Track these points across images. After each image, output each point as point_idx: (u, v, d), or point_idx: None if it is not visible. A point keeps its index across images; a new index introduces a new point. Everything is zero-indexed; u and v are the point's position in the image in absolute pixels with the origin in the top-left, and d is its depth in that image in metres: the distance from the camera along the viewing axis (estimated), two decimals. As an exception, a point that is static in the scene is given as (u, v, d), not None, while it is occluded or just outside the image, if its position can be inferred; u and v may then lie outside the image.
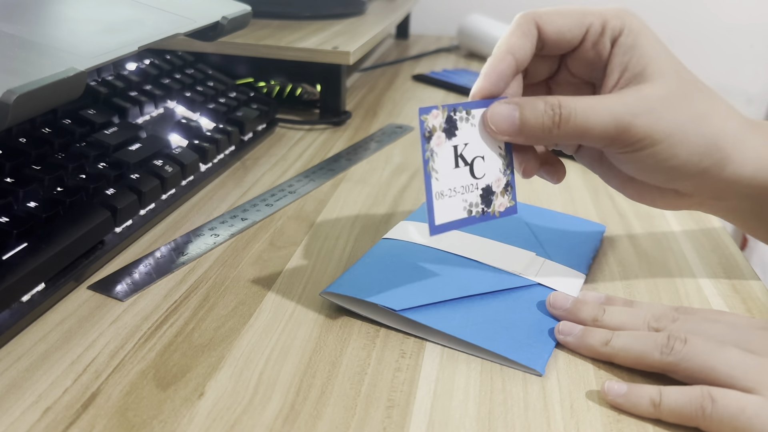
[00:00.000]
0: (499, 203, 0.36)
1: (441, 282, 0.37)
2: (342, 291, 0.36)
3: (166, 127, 0.54)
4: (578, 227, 0.46)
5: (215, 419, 0.29)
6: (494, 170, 0.35)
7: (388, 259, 0.40)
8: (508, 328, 0.35)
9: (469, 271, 0.39)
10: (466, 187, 0.34)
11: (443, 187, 0.33)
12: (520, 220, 0.45)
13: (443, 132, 0.33)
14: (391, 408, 0.30)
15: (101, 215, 0.39)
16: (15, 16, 0.40)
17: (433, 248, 0.41)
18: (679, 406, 0.29)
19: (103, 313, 0.36)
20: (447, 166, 0.34)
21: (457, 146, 0.34)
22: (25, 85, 0.31)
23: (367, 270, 0.38)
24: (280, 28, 0.76)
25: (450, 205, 0.34)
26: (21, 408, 0.29)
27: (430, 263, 0.39)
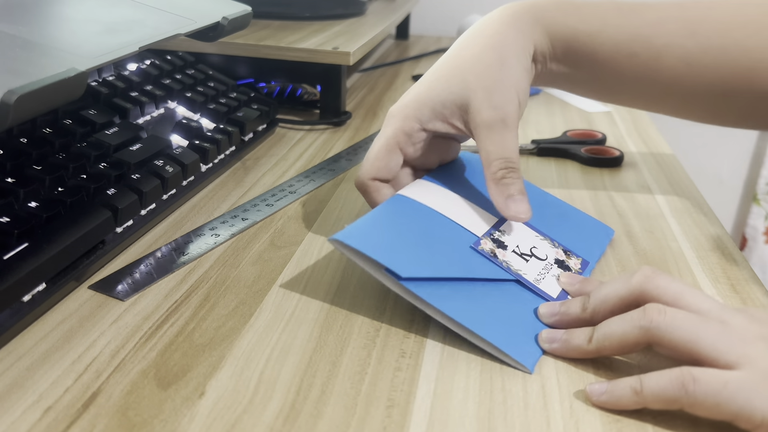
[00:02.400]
0: (573, 264, 0.41)
1: (450, 257, 0.37)
2: (351, 243, 0.35)
3: (166, 128, 0.54)
4: (590, 227, 0.46)
5: (216, 419, 0.29)
6: (548, 249, 0.41)
7: (401, 218, 0.39)
8: (507, 320, 0.35)
9: (479, 253, 0.39)
10: (545, 267, 0.39)
11: (534, 275, 0.38)
12: (544, 210, 0.45)
13: (498, 248, 0.39)
14: (391, 407, 0.30)
15: (102, 215, 0.39)
16: (16, 17, 0.40)
17: (450, 219, 0.40)
18: (661, 388, 0.29)
19: (103, 313, 0.36)
20: (521, 263, 0.39)
21: (514, 249, 0.40)
22: (26, 85, 0.31)
23: (378, 225, 0.38)
24: (280, 28, 0.76)
25: (549, 281, 0.38)
26: (22, 407, 0.29)
27: (443, 234, 0.39)
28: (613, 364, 0.33)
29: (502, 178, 0.40)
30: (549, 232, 0.43)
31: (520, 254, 0.39)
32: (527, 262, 0.39)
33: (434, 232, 0.39)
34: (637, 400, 0.29)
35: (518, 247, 0.40)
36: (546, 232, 0.43)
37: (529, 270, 0.39)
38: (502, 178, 0.40)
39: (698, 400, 0.28)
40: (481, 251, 0.38)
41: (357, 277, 0.40)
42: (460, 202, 0.42)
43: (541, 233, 0.42)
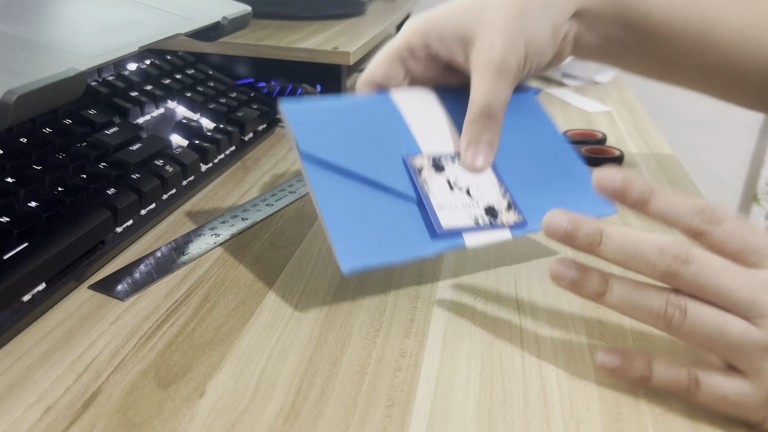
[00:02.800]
0: (506, 218, 0.37)
1: (371, 156, 0.37)
2: (284, 108, 0.37)
3: (166, 127, 0.54)
4: (579, 194, 0.40)
5: (216, 418, 0.29)
6: (492, 195, 0.38)
7: (358, 111, 0.40)
8: (365, 219, 0.35)
9: (405, 164, 0.38)
10: (467, 204, 0.37)
11: (442, 202, 0.36)
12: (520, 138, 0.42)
13: (432, 168, 0.37)
14: (391, 407, 0.30)
15: (102, 215, 0.39)
16: (16, 17, 0.40)
17: (407, 128, 0.40)
18: (667, 384, 0.30)
19: (103, 313, 0.36)
20: (442, 189, 0.37)
21: (448, 178, 0.37)
22: (25, 85, 0.31)
23: (328, 106, 0.39)
24: (280, 28, 0.76)
25: (453, 214, 0.36)
26: (22, 407, 0.29)
27: (385, 137, 0.39)
28: (613, 364, 0.33)
29: (475, 121, 0.39)
30: (512, 180, 0.39)
31: (451, 183, 0.38)
32: (449, 191, 0.37)
33: (377, 133, 0.39)
34: (643, 384, 0.30)
35: (456, 178, 0.38)
36: (507, 179, 0.39)
37: (444, 197, 0.37)
38: (475, 121, 0.39)
39: (699, 401, 0.29)
40: (408, 163, 0.37)
41: (357, 277, 0.40)
42: (439, 121, 0.41)
43: (500, 178, 0.39)
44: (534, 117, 0.44)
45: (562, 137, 0.43)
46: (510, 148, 0.41)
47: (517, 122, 0.42)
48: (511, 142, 0.41)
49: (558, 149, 0.42)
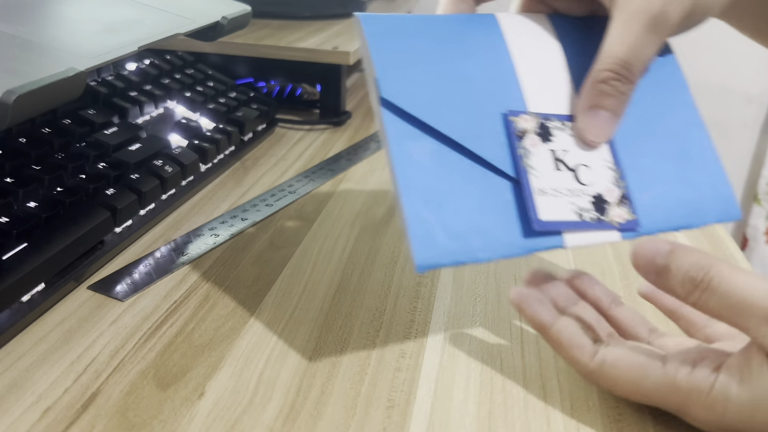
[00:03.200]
0: (616, 214, 0.30)
1: (463, 111, 0.30)
2: (366, 28, 0.30)
3: (166, 127, 0.54)
4: (704, 189, 0.32)
5: (215, 419, 0.29)
6: (604, 181, 0.30)
7: (454, 39, 0.31)
8: (450, 205, 0.28)
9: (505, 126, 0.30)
10: (572, 191, 0.30)
11: (544, 185, 0.29)
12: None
13: (537, 135, 0.30)
14: (391, 408, 0.30)
15: (101, 215, 0.39)
16: (15, 17, 0.40)
17: (513, 72, 0.32)
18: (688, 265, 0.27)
19: (103, 313, 0.36)
20: (546, 166, 0.30)
21: (555, 150, 0.30)
22: (25, 85, 0.31)
23: (415, 30, 0.31)
24: (279, 28, 0.76)
25: (555, 204, 0.29)
26: (21, 408, 0.29)
27: (486, 84, 0.31)
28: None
29: (604, 81, 0.30)
30: (629, 162, 0.31)
31: (557, 158, 0.30)
32: (553, 170, 0.30)
33: (476, 74, 0.31)
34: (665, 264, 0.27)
35: (565, 153, 0.30)
36: (624, 161, 0.31)
37: (546, 177, 0.30)
38: (604, 81, 0.30)
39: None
40: (510, 123, 0.30)
41: (357, 277, 0.40)
42: (553, 67, 0.32)
43: (616, 159, 0.31)
44: (668, 82, 0.34)
45: (696, 112, 0.34)
46: (634, 120, 0.32)
47: (648, 86, 0.33)
48: (637, 111, 0.33)
49: (688, 127, 0.34)
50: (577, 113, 0.31)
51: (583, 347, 0.29)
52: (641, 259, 0.28)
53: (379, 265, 0.41)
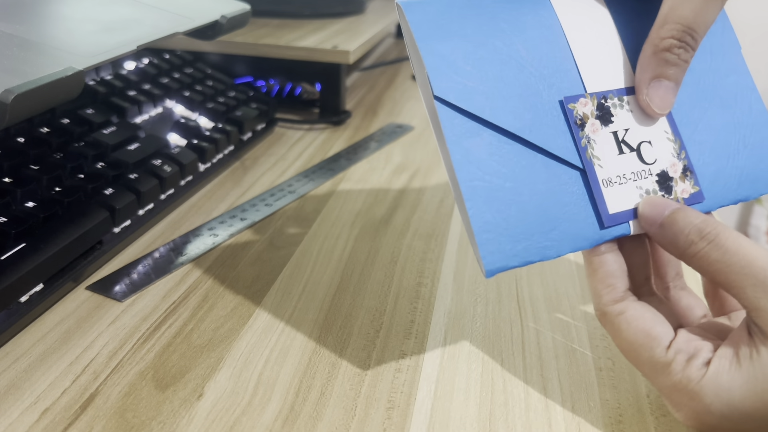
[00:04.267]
0: (681, 189, 0.30)
1: (521, 100, 0.29)
2: (410, 18, 0.28)
3: (164, 127, 0.54)
4: (760, 158, 0.32)
5: (214, 420, 0.28)
6: (666, 155, 0.30)
7: (505, 19, 0.30)
8: (517, 206, 0.27)
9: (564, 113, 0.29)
10: (638, 173, 0.29)
11: (610, 174, 0.29)
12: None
13: (597, 119, 0.29)
14: (391, 409, 0.30)
15: (100, 215, 0.39)
16: (13, 16, 0.40)
17: (569, 51, 0.30)
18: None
19: (101, 314, 0.35)
20: (610, 152, 0.29)
21: (616, 132, 0.29)
22: (23, 84, 0.30)
23: (463, 13, 0.29)
24: (279, 27, 0.75)
25: (622, 192, 0.29)
26: (19, 409, 0.29)
27: (540, 67, 0.29)
28: (615, 366, 0.33)
29: (667, 49, 0.29)
30: (688, 131, 0.31)
31: (620, 140, 0.30)
32: (619, 155, 0.29)
33: (529, 59, 0.29)
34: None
35: (626, 132, 0.30)
36: (683, 133, 0.31)
37: (611, 164, 0.29)
38: (667, 49, 0.29)
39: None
40: (569, 111, 0.29)
41: (357, 277, 0.40)
42: (606, 37, 0.31)
43: (675, 130, 0.31)
44: (722, 45, 0.33)
45: (748, 75, 0.33)
46: (689, 86, 0.31)
47: (702, 50, 0.32)
48: (692, 77, 0.32)
49: (743, 92, 0.33)
50: (639, 85, 0.30)
51: (614, 288, 0.29)
52: (649, 209, 0.28)
53: (379, 265, 0.41)
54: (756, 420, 0.26)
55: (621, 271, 0.29)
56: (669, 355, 0.27)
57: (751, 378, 0.25)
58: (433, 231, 0.46)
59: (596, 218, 0.28)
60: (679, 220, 0.28)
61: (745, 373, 0.25)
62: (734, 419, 0.26)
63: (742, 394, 0.25)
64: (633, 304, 0.28)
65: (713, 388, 0.26)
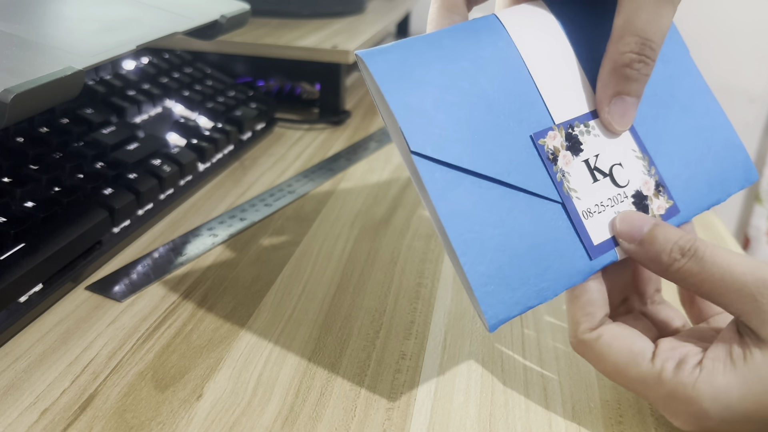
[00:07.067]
0: (657, 206, 0.30)
1: (493, 142, 0.28)
2: (373, 70, 0.27)
3: (164, 127, 0.54)
4: (722, 158, 0.32)
5: (214, 421, 0.28)
6: (638, 174, 0.30)
7: (465, 57, 0.29)
8: (508, 251, 0.27)
9: (535, 149, 0.29)
10: (614, 198, 0.29)
11: (588, 205, 0.29)
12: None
13: (567, 151, 0.29)
14: (391, 410, 0.29)
15: (99, 215, 0.39)
16: (12, 15, 0.40)
17: (533, 83, 0.30)
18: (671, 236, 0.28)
19: (101, 314, 0.35)
20: (584, 182, 0.29)
21: (588, 160, 0.29)
22: (22, 84, 0.30)
23: (425, 58, 0.28)
24: (279, 26, 0.75)
25: (603, 220, 0.29)
26: (19, 409, 0.29)
27: (507, 103, 0.29)
28: (614, 366, 0.33)
29: (627, 65, 0.28)
30: (653, 144, 0.31)
31: (593, 168, 0.29)
32: (594, 183, 0.29)
33: (496, 96, 0.29)
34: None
35: (597, 158, 0.30)
36: (650, 148, 0.31)
37: (588, 195, 0.29)
38: (627, 65, 0.28)
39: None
40: (540, 147, 0.29)
41: (356, 277, 0.40)
42: (564, 62, 0.30)
43: (642, 147, 0.30)
44: (671, 50, 0.33)
45: (700, 78, 0.33)
46: (648, 99, 0.31)
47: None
48: (649, 88, 0.31)
49: (698, 95, 0.32)
50: (601, 104, 0.30)
51: (593, 316, 0.28)
52: (626, 225, 0.28)
53: (379, 266, 0.41)
54: (755, 422, 0.26)
55: (602, 300, 0.29)
56: (656, 365, 0.27)
57: (747, 380, 0.25)
58: (433, 231, 0.46)
59: (585, 250, 0.28)
60: (659, 238, 0.27)
61: (741, 374, 0.25)
62: (733, 421, 0.26)
63: (740, 396, 0.25)
64: (609, 327, 0.28)
65: (709, 391, 0.26)
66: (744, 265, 0.26)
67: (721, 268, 0.26)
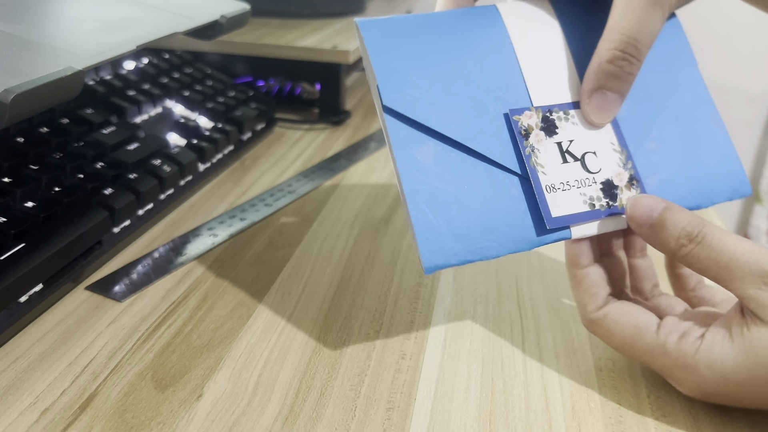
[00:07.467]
0: (626, 197, 0.31)
1: (467, 112, 0.30)
2: (365, 34, 0.29)
3: (164, 127, 0.54)
4: (713, 166, 0.32)
5: (214, 421, 0.28)
6: (612, 165, 0.31)
7: (454, 34, 0.31)
8: (456, 205, 0.29)
9: (508, 125, 0.30)
10: (581, 181, 0.30)
11: (553, 181, 0.30)
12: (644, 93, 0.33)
13: (541, 131, 0.30)
14: (391, 410, 0.29)
15: (99, 215, 0.39)
16: (13, 15, 0.40)
17: (517, 64, 0.31)
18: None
19: (101, 314, 0.35)
20: (554, 161, 0.30)
21: (561, 143, 0.30)
22: (22, 84, 0.30)
23: (415, 30, 0.30)
24: (279, 26, 0.75)
25: (566, 198, 0.30)
26: (19, 409, 0.29)
27: (487, 80, 0.30)
28: (615, 366, 0.33)
29: (610, 61, 0.30)
30: (635, 140, 0.32)
31: (564, 150, 0.30)
32: (563, 163, 0.30)
33: (477, 74, 0.30)
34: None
35: (570, 143, 0.31)
36: (630, 143, 0.32)
37: (554, 172, 0.30)
38: (610, 61, 0.30)
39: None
40: (514, 122, 0.30)
41: (357, 277, 0.40)
42: (555, 53, 0.32)
43: (622, 141, 0.31)
44: (675, 57, 0.33)
45: (704, 88, 0.33)
46: (639, 98, 0.32)
47: (654, 62, 0.33)
48: (642, 89, 0.32)
49: (697, 104, 0.33)
50: (582, 96, 0.31)
51: (597, 297, 0.31)
52: (638, 211, 0.29)
53: (379, 265, 0.41)
54: (747, 389, 0.27)
55: (603, 280, 0.31)
56: (660, 336, 0.29)
57: (741, 352, 0.27)
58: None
59: (536, 222, 0.29)
60: (668, 222, 0.29)
61: (736, 347, 0.27)
62: (728, 389, 0.28)
63: (734, 367, 0.27)
64: (614, 305, 0.30)
65: (707, 361, 0.27)
66: (750, 254, 0.27)
67: (727, 255, 0.27)
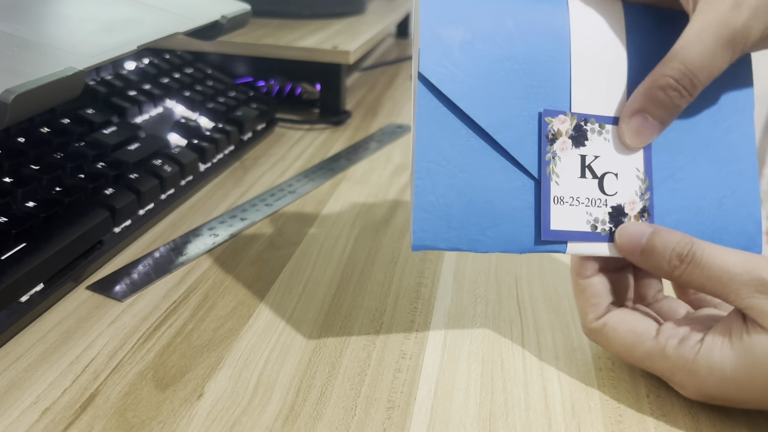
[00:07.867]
0: None
1: (503, 101, 0.29)
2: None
3: (165, 127, 0.54)
4: (732, 214, 0.31)
5: (214, 420, 0.28)
6: (629, 191, 0.30)
7: (512, 19, 0.29)
8: (465, 196, 0.28)
9: (539, 125, 0.29)
10: (593, 200, 0.29)
11: (563, 193, 0.29)
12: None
13: (570, 139, 0.29)
14: (391, 409, 0.30)
15: (100, 215, 0.39)
16: (13, 15, 0.40)
17: (567, 60, 0.30)
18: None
19: (101, 314, 0.35)
20: (571, 173, 0.29)
21: (585, 156, 0.29)
22: (23, 84, 0.30)
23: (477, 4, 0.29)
24: (279, 27, 0.75)
25: (570, 213, 0.29)
26: (20, 409, 0.29)
27: (536, 69, 0.29)
28: (615, 366, 0.33)
29: (662, 88, 0.28)
30: (664, 177, 0.30)
31: (585, 165, 0.29)
32: (579, 177, 0.29)
33: (524, 63, 0.29)
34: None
35: (595, 159, 0.29)
36: (656, 175, 0.30)
37: (568, 184, 0.29)
38: (662, 88, 0.28)
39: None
40: (545, 124, 0.29)
41: (357, 277, 0.40)
42: (612, 60, 0.30)
43: (648, 171, 0.30)
44: (732, 92, 0.32)
45: (751, 133, 0.31)
46: (681, 131, 0.31)
47: (709, 99, 0.31)
48: (687, 123, 0.31)
49: (738, 152, 0.31)
50: (623, 114, 0.30)
51: (598, 306, 0.31)
52: (626, 239, 0.29)
53: (379, 265, 0.41)
54: (746, 392, 0.28)
55: (605, 291, 0.32)
56: (660, 341, 0.29)
57: (740, 356, 0.27)
58: (433, 231, 0.46)
59: (535, 230, 0.29)
60: (657, 246, 0.29)
61: (735, 351, 0.27)
62: (727, 391, 0.28)
63: (733, 370, 0.27)
64: (613, 314, 0.31)
65: (706, 364, 0.28)
66: (741, 264, 0.28)
67: (719, 270, 0.28)
